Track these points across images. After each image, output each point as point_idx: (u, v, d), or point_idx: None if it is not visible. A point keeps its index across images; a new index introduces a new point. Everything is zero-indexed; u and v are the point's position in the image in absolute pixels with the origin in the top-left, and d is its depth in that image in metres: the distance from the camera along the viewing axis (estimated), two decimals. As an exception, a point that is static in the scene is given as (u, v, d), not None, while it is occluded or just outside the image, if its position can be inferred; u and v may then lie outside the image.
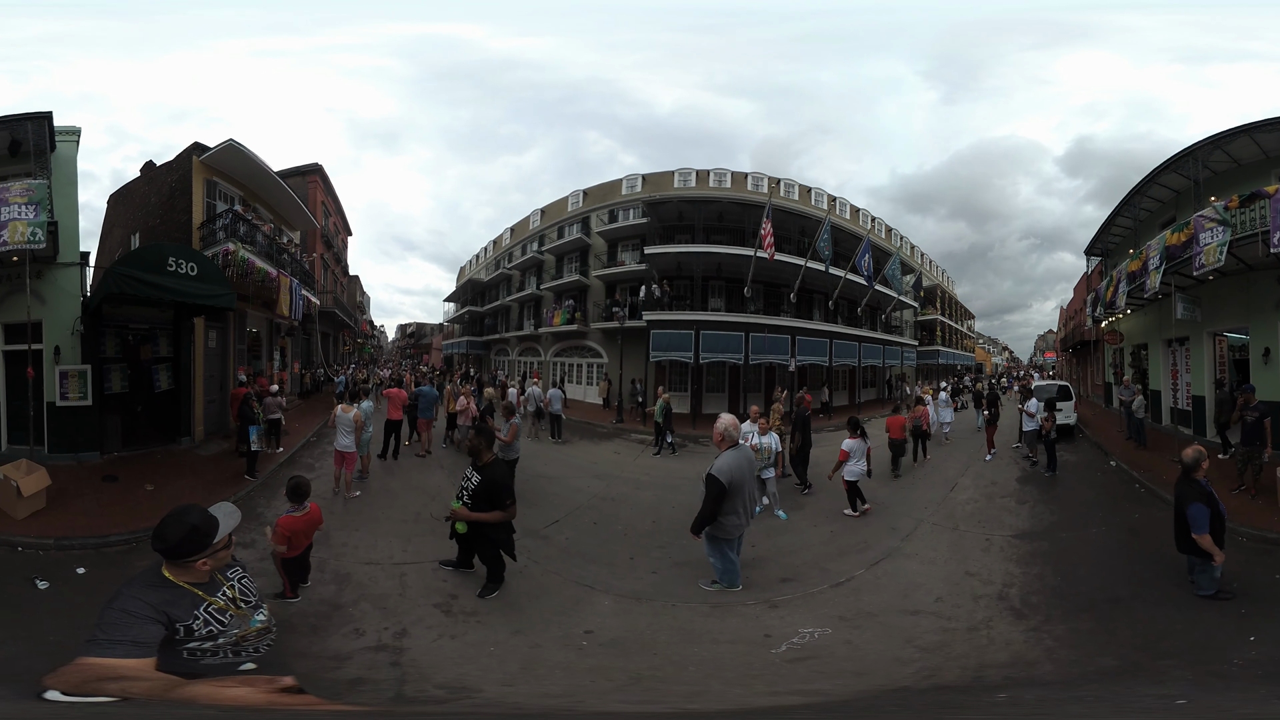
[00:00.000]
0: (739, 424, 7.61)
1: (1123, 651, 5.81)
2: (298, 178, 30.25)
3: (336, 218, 39.10)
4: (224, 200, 18.05)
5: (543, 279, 37.94)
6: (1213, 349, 17.01)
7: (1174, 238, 14.78)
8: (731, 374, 27.58)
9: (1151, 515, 10.46)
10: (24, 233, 11.10)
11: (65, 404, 12.79)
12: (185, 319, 15.54)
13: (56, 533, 8.86)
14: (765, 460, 10.98)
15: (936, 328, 51.77)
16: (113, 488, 11.17)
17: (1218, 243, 12.92)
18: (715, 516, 7.10)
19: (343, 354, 45.07)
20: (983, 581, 7.84)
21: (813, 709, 4.19)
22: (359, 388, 15.31)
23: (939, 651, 5.98)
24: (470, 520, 7.09)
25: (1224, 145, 15.35)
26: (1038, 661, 5.65)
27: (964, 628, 6.49)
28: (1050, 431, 14.30)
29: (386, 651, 5.87)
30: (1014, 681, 5.34)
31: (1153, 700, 3.73)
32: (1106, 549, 9.09)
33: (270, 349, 23.24)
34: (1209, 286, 15.86)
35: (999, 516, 11.01)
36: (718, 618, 6.88)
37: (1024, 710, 2.49)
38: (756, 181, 32.94)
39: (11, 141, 12.60)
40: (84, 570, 7.89)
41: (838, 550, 9.30)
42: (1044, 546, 9.20)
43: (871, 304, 33.79)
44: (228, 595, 2.92)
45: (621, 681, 5.46)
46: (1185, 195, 17.38)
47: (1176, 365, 18.95)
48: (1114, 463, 15.04)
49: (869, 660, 5.91)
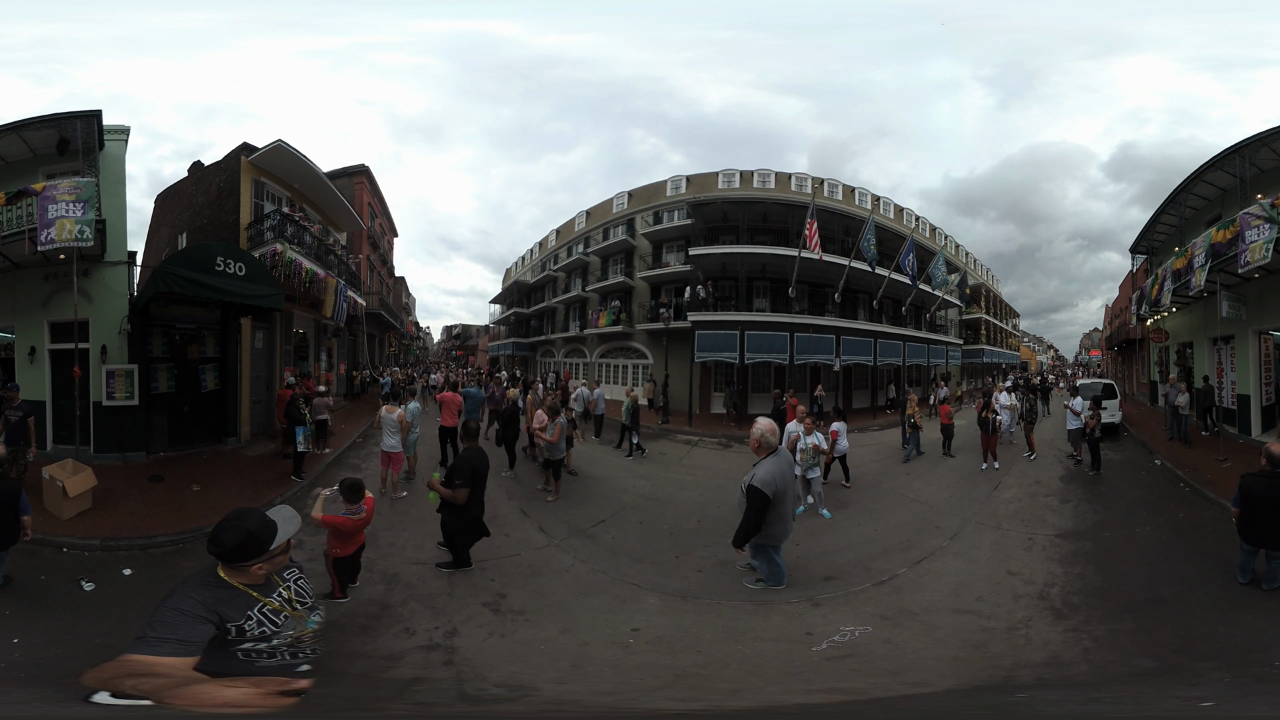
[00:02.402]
0: (777, 429, 7.30)
1: (1162, 653, 5.73)
2: (344, 179, 30.48)
3: (382, 219, 39.38)
4: (271, 201, 18.13)
5: (588, 280, 37.97)
6: (1258, 347, 16.96)
7: (1220, 235, 14.64)
8: (777, 373, 27.19)
9: (1196, 515, 10.44)
10: (71, 230, 11.08)
11: (112, 404, 12.84)
12: (232, 319, 15.56)
13: (103, 533, 8.87)
14: (811, 460, 10.95)
15: (981, 326, 50.96)
16: (159, 488, 11.18)
17: (1264, 240, 12.83)
18: (759, 528, 6.90)
19: (388, 355, 45.42)
20: (1024, 581, 7.75)
21: (836, 708, 4.41)
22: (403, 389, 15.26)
23: (978, 650, 5.94)
24: (439, 492, 7.60)
25: (1271, 143, 15.15)
26: (1074, 662, 5.57)
27: (1003, 627, 6.43)
28: (1095, 430, 14.10)
29: (439, 650, 5.89)
30: (1044, 683, 5.30)
31: (1178, 702, 3.66)
32: (1150, 548, 8.95)
33: (317, 350, 23.37)
34: (1255, 284, 15.76)
35: (1042, 515, 10.85)
36: (761, 615, 6.88)
37: (1035, 711, 2.57)
38: (800, 182, 32.56)
39: (60, 140, 12.67)
40: (130, 571, 7.86)
41: (881, 549, 9.26)
42: (1087, 546, 9.08)
43: (916, 303, 33.17)
44: (283, 596, 2.89)
45: (667, 679, 5.48)
46: (1231, 193, 17.17)
47: (1222, 363, 18.97)
48: (1159, 461, 14.94)
49: (906, 659, 5.85)
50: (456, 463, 7.94)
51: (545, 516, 10.68)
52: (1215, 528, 8.73)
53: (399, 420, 11.54)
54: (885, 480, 14.03)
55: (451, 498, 7.57)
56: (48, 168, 13.02)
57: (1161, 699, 3.72)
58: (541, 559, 8.74)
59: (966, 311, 47.59)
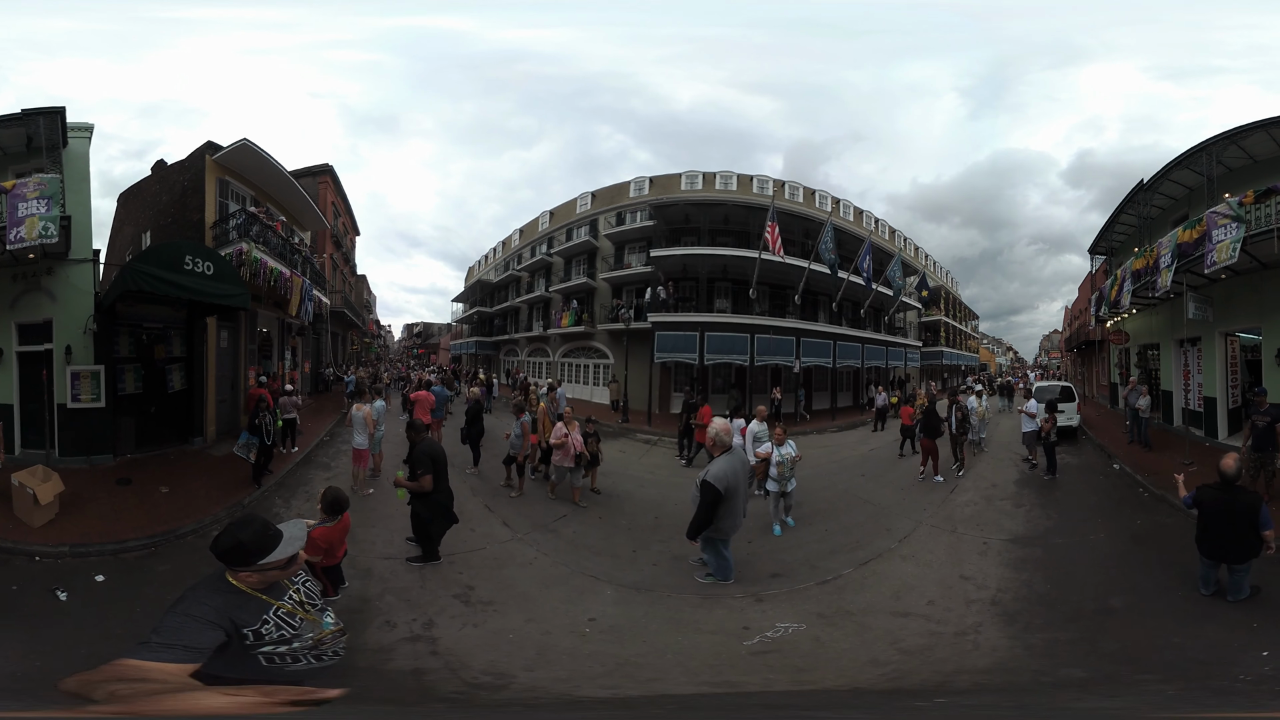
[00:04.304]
0: (731, 428, 7.71)
1: (1099, 664, 5.72)
2: (309, 178, 30.32)
3: (346, 218, 39.23)
4: (236, 200, 18.10)
5: (551, 281, 38.35)
6: (1225, 349, 16.69)
7: (1186, 235, 14.41)
8: (738, 375, 27.63)
9: (1157, 521, 10.32)
10: (37, 228, 11.04)
11: (78, 405, 12.58)
12: (198, 318, 15.54)
13: (71, 539, 8.68)
14: (787, 472, 10.38)
15: (941, 329, 51.98)
16: (127, 491, 11.06)
17: (1231, 239, 12.65)
18: (711, 522, 7.27)
19: (351, 354, 45.22)
20: (977, 585, 7.84)
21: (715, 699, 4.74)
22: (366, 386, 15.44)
23: (920, 654, 6.03)
24: (405, 487, 8.04)
25: (1239, 140, 14.97)
26: (1019, 669, 5.65)
27: (952, 632, 6.54)
28: (1051, 434, 13.99)
29: (422, 642, 6.18)
30: (982, 688, 5.37)
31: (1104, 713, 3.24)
32: (1107, 555, 8.93)
33: (281, 349, 23.34)
34: (1221, 285, 15.59)
35: (998, 520, 10.90)
36: (706, 609, 7.21)
37: (941, 716, 2.49)
38: (762, 184, 33.20)
39: (28, 138, 12.54)
40: (103, 578, 7.80)
41: (830, 549, 9.46)
42: (1037, 553, 9.07)
43: (875, 305, 33.87)
44: (294, 599, 2.92)
45: (611, 667, 5.79)
46: (1198, 192, 16.95)
47: (1188, 365, 18.60)
48: (1118, 466, 14.78)
49: (827, 658, 6.02)
50: (413, 456, 8.23)
51: (509, 511, 10.99)
52: (1177, 535, 8.51)
53: (365, 418, 11.79)
54: (839, 481, 14.31)
55: (418, 488, 7.94)
56: (16, 166, 12.86)
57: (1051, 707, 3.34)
58: (506, 552, 9.07)
59: (926, 314, 48.48)
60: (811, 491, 12.45)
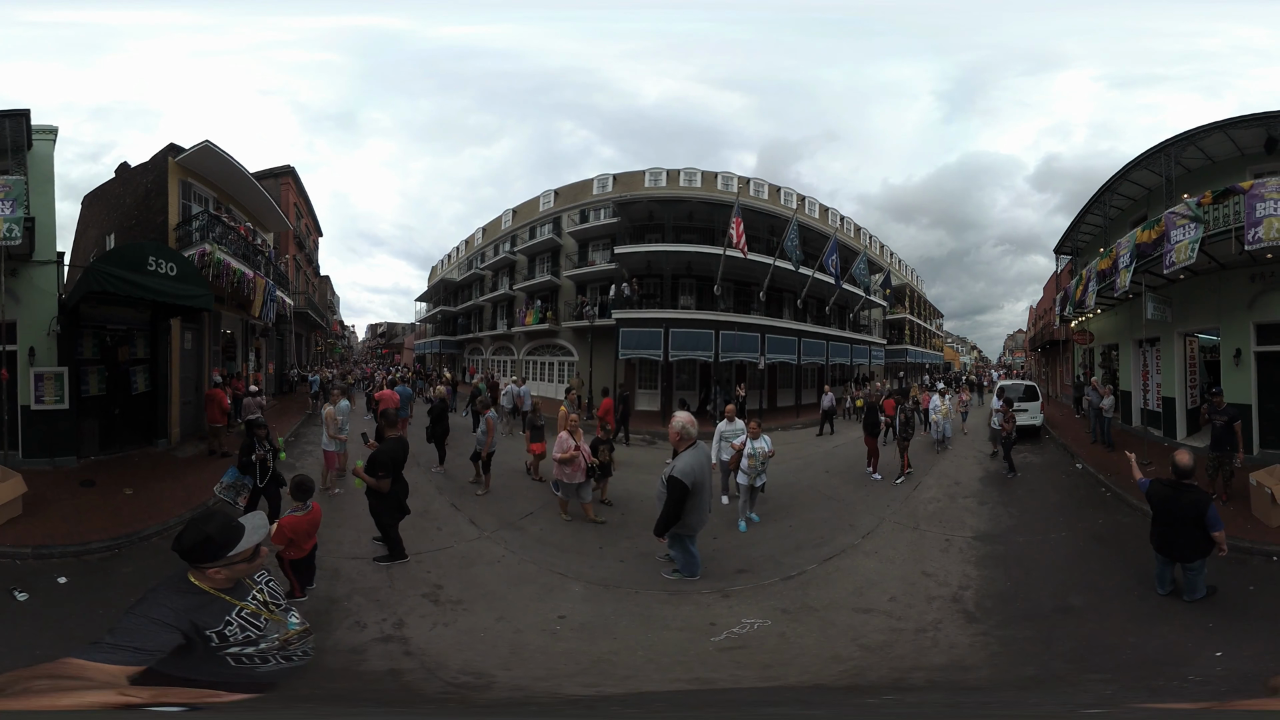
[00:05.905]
0: (695, 422, 7.73)
1: (1051, 662, 5.78)
2: (270, 179, 30.19)
3: (308, 219, 39.05)
4: (199, 202, 18.05)
5: (515, 279, 38.33)
6: (1183, 350, 16.92)
7: (1145, 235, 14.58)
8: (703, 371, 27.88)
9: (1117, 521, 10.52)
10: (1, 229, 11.06)
11: (41, 407, 12.59)
12: (162, 320, 15.51)
13: (34, 541, 8.61)
14: (759, 466, 10.43)
15: (905, 326, 52.66)
16: (91, 493, 11.00)
17: (1189, 240, 12.79)
18: (679, 518, 7.30)
19: (314, 354, 44.95)
20: (939, 583, 7.92)
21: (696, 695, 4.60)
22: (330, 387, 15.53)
23: (879, 651, 6.09)
24: (363, 480, 8.09)
25: (1198, 141, 15.11)
26: (977, 666, 5.72)
27: (913, 629, 6.62)
28: (1010, 433, 14.05)
29: (394, 642, 6.17)
30: (937, 685, 5.42)
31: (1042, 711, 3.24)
32: (1068, 554, 9.03)
33: (245, 350, 23.25)
34: (1180, 286, 15.81)
35: (960, 517, 11.02)
36: (673, 605, 7.27)
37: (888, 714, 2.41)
38: (726, 181, 33.45)
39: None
40: (65, 580, 7.73)
41: (795, 545, 9.53)
42: (999, 550, 9.18)
43: (840, 303, 34.33)
44: (258, 599, 2.89)
45: (585, 664, 5.83)
46: (1157, 193, 17.11)
47: (1147, 366, 18.79)
48: (1080, 465, 14.93)
49: (792, 654, 6.08)
50: (377, 454, 8.25)
51: (476, 510, 11.03)
52: (1138, 534, 8.48)
53: (327, 418, 11.92)
54: (804, 477, 14.40)
55: (375, 485, 8.00)
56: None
57: None
58: (474, 550, 9.10)
59: (891, 312, 49.11)
60: (776, 488, 12.35)
